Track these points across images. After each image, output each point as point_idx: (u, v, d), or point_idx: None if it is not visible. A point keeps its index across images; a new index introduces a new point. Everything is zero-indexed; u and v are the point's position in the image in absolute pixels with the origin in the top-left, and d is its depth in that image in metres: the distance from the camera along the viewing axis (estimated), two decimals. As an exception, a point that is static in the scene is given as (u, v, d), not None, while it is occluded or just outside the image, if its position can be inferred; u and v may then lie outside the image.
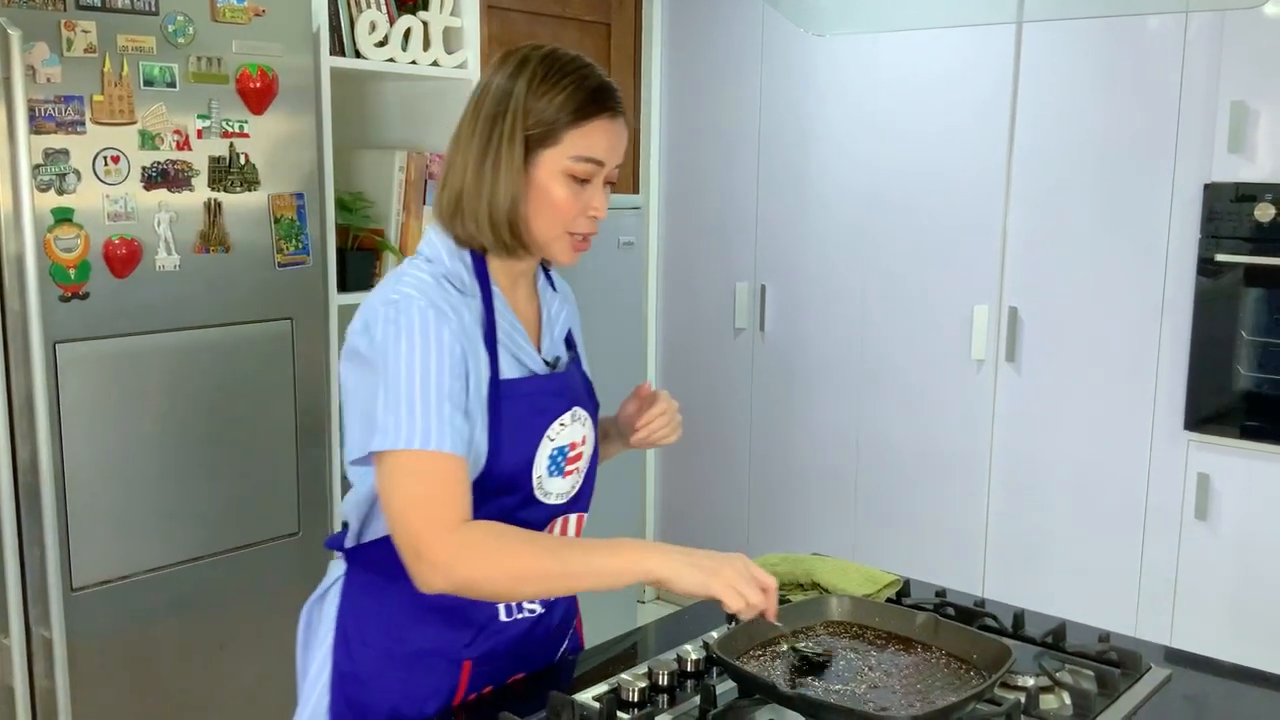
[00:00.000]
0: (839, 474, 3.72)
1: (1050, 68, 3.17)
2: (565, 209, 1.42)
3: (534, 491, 1.47)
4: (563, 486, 1.52)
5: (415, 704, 1.47)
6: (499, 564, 1.31)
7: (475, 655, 1.49)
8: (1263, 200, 2.81)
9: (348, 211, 2.80)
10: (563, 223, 1.44)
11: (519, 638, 1.53)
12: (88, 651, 2.24)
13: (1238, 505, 2.94)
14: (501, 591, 1.37)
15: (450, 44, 2.94)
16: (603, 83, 1.43)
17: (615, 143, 1.44)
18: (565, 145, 1.41)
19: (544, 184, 1.41)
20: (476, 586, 1.32)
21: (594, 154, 1.42)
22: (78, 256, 2.16)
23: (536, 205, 1.42)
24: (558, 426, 1.48)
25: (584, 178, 1.42)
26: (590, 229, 1.46)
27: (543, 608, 1.55)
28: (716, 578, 1.32)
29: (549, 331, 1.55)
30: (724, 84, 3.88)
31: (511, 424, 1.43)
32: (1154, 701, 1.49)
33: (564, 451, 1.50)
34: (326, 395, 2.62)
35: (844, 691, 1.37)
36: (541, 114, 1.40)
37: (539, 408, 1.47)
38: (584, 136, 1.41)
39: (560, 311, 1.59)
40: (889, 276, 3.54)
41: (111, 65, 2.16)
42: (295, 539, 2.57)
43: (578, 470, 1.54)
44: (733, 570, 1.33)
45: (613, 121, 1.43)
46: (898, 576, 1.81)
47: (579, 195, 1.43)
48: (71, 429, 2.18)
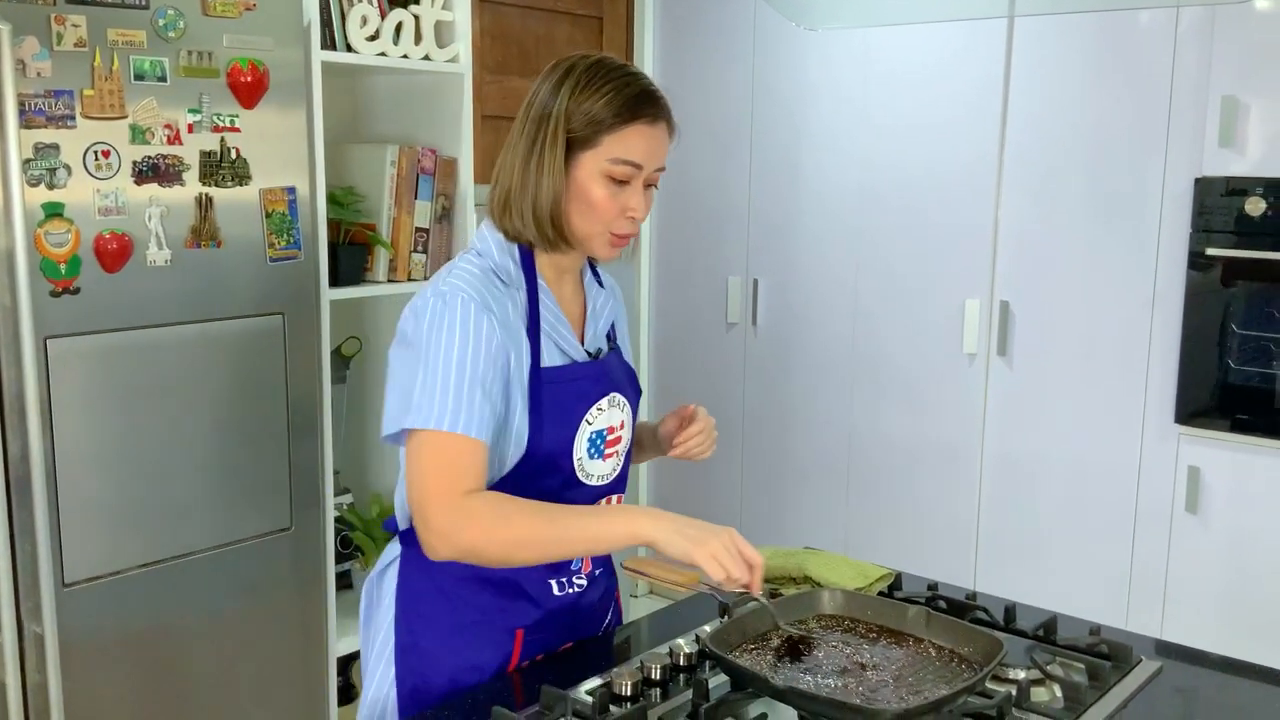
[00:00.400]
0: (831, 467, 3.73)
1: (1041, 62, 3.17)
2: (604, 209, 1.51)
3: (576, 473, 1.56)
4: (604, 469, 1.61)
5: (472, 672, 1.56)
6: (497, 531, 1.40)
7: (526, 624, 1.58)
8: (1253, 194, 2.82)
9: (339, 206, 2.79)
10: (602, 222, 1.52)
11: (566, 609, 1.63)
12: (80, 647, 2.24)
13: (1228, 498, 2.95)
14: (500, 556, 1.44)
15: (442, 38, 2.93)
16: (643, 90, 1.51)
17: (654, 147, 1.52)
18: (604, 148, 1.49)
19: (584, 184, 1.50)
20: (478, 552, 1.42)
21: (631, 157, 1.50)
22: (68, 251, 2.15)
23: (577, 204, 1.52)
24: (595, 411, 1.57)
25: (622, 179, 1.51)
26: (630, 229, 1.55)
27: (587, 581, 1.65)
28: (701, 547, 1.38)
29: (593, 324, 1.64)
30: (716, 78, 3.88)
31: (553, 407, 1.52)
32: (1145, 694, 1.50)
33: (603, 435, 1.59)
34: (319, 390, 2.62)
35: (835, 685, 1.37)
36: (582, 118, 1.49)
37: (579, 393, 1.56)
38: (621, 140, 1.49)
39: (605, 306, 1.67)
40: (881, 271, 3.54)
41: (102, 59, 2.15)
42: (288, 534, 2.57)
43: (617, 453, 1.63)
44: (719, 542, 1.39)
45: (651, 127, 1.51)
46: (889, 570, 1.82)
47: (617, 196, 1.51)
48: (63, 424, 2.18)
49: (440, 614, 1.58)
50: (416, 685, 1.58)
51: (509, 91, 3.67)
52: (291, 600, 2.61)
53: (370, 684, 1.62)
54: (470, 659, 1.56)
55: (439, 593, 1.58)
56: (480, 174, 3.46)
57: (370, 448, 3.26)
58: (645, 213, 1.56)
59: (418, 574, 1.59)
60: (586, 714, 1.37)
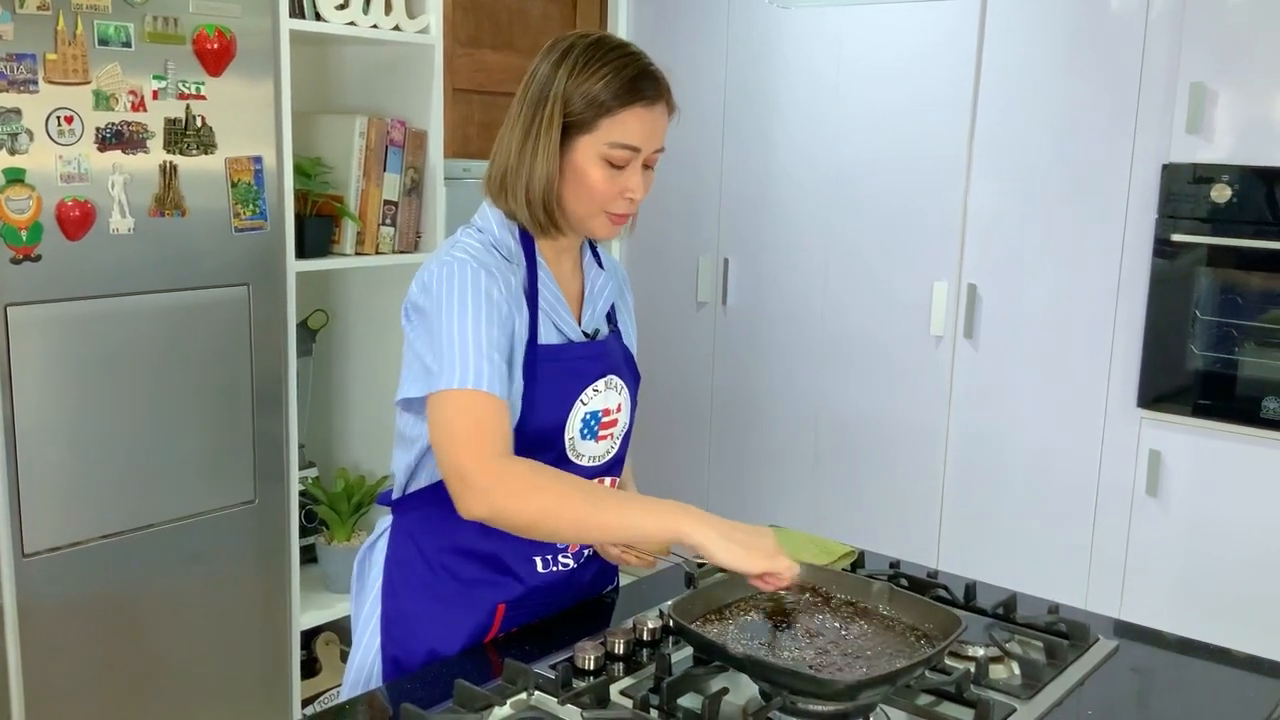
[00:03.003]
0: (798, 447, 3.74)
1: (1013, 46, 3.18)
2: (601, 192, 1.51)
3: (566, 452, 1.56)
4: (597, 450, 1.60)
5: (450, 642, 1.57)
6: (535, 498, 1.39)
7: (508, 600, 1.59)
8: (1219, 181, 2.84)
9: (306, 177, 2.76)
10: (599, 204, 1.52)
11: (551, 588, 1.62)
12: (39, 617, 2.22)
13: (1188, 482, 2.99)
14: (533, 524, 1.41)
15: (413, 8, 2.90)
16: (640, 71, 1.51)
17: (651, 129, 1.53)
18: (601, 132, 1.49)
19: (581, 167, 1.50)
20: (511, 516, 1.40)
21: (628, 140, 1.50)
22: (29, 218, 2.12)
23: (574, 187, 1.51)
24: (591, 391, 1.57)
25: (620, 163, 1.50)
26: (628, 209, 1.55)
27: (575, 563, 1.64)
28: (748, 559, 1.39)
29: (591, 304, 1.63)
30: (690, 56, 3.87)
31: (547, 386, 1.52)
32: (1101, 672, 1.52)
33: (597, 416, 1.58)
34: (284, 362, 2.60)
35: (795, 656, 1.38)
36: (578, 101, 1.48)
37: (574, 372, 1.56)
38: (619, 124, 1.49)
39: (605, 287, 1.66)
40: (851, 252, 3.55)
41: (65, 23, 2.12)
42: (251, 507, 2.56)
43: (612, 436, 1.62)
44: (760, 551, 1.39)
45: (649, 109, 1.52)
46: (853, 548, 1.83)
47: (615, 179, 1.51)
48: (23, 393, 2.15)
49: (425, 584, 1.59)
50: (398, 654, 1.60)
51: (481, 64, 3.65)
52: (255, 574, 2.59)
53: (356, 652, 1.64)
54: (451, 630, 1.57)
55: (424, 563, 1.59)
56: (450, 147, 3.44)
57: (336, 422, 3.24)
58: (644, 193, 1.55)
59: (406, 544, 1.60)
60: (549, 688, 1.38)
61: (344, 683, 1.68)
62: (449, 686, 1.38)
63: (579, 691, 1.36)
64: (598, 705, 1.35)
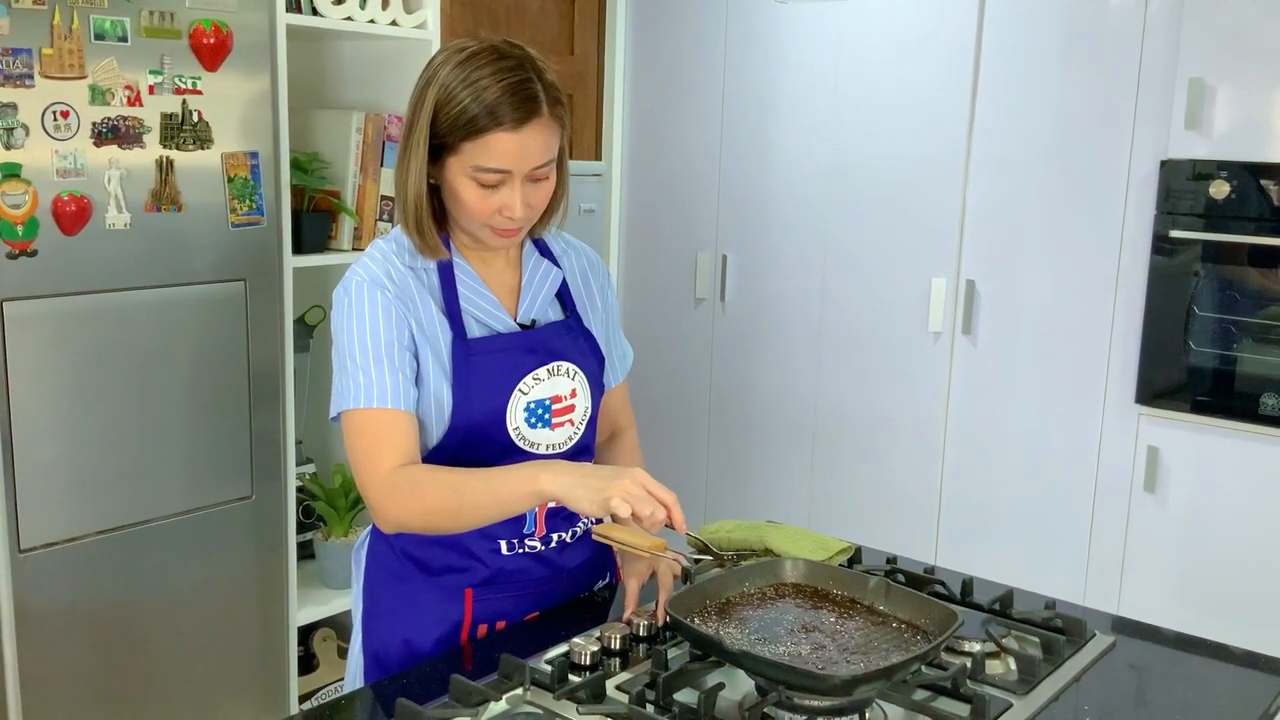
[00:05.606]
0: (796, 442, 3.74)
1: (1011, 42, 3.18)
2: (477, 210, 1.49)
3: (516, 442, 1.55)
4: (555, 438, 1.60)
5: (423, 633, 1.59)
6: (414, 502, 1.44)
7: (475, 584, 1.59)
8: (1218, 177, 2.84)
9: (303, 172, 2.76)
10: (478, 220, 1.50)
11: (522, 572, 1.61)
12: (36, 613, 2.22)
13: (1186, 478, 2.99)
14: (424, 526, 1.48)
15: (409, 4, 2.90)
16: (505, 92, 1.43)
17: (520, 151, 1.45)
18: (465, 155, 1.46)
19: (453, 185, 1.49)
20: (409, 522, 1.47)
21: (492, 164, 1.45)
22: (25, 213, 2.11)
23: (452, 203, 1.51)
24: (531, 380, 1.56)
25: (490, 184, 1.47)
26: (511, 225, 1.51)
27: (542, 545, 1.62)
28: (603, 493, 1.36)
29: (528, 295, 1.61)
30: (688, 51, 3.86)
31: (479, 378, 1.52)
32: (1098, 668, 1.52)
33: (545, 404, 1.57)
34: (280, 358, 2.59)
35: (791, 652, 1.38)
36: (443, 123, 1.45)
37: (509, 363, 1.55)
38: (481, 149, 1.45)
39: (547, 276, 1.64)
40: (849, 248, 3.55)
41: (61, 18, 2.11)
42: (248, 502, 2.55)
43: (571, 423, 1.62)
44: (624, 483, 1.37)
45: (514, 133, 1.44)
46: (850, 544, 1.83)
47: (488, 198, 1.48)
48: (19, 389, 2.15)
49: (395, 575, 1.62)
50: (378, 650, 1.61)
51: (478, 61, 3.63)
52: (252, 570, 2.59)
53: (352, 650, 1.67)
54: (424, 619, 1.59)
55: (393, 554, 1.62)
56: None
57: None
58: (534, 209, 1.52)
59: (378, 537, 1.65)
60: (545, 683, 1.37)
61: (345, 679, 1.70)
62: (444, 682, 1.38)
63: (575, 687, 1.36)
64: (594, 700, 1.35)
